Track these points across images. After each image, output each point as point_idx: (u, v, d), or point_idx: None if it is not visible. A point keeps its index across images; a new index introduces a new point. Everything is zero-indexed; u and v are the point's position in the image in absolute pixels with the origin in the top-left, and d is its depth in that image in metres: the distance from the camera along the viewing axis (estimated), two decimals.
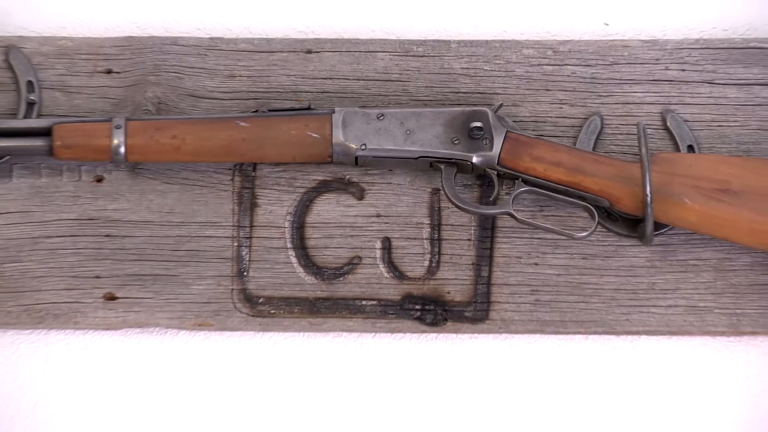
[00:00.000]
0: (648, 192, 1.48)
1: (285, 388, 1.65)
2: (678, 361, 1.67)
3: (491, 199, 1.58)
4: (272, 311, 1.61)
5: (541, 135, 1.62)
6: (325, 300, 1.61)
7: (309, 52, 1.68)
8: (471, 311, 1.60)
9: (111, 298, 1.58)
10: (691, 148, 1.60)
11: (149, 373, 1.63)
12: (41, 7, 1.80)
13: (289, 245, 1.62)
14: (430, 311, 1.59)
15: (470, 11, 1.80)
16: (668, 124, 1.64)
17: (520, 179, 1.54)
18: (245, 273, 1.61)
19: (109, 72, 1.67)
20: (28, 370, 1.63)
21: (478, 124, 1.53)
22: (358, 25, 1.76)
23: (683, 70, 1.68)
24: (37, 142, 1.56)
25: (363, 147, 1.56)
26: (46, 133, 1.56)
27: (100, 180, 1.61)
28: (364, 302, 1.60)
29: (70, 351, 1.62)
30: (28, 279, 1.60)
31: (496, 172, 1.55)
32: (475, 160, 1.54)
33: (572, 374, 1.66)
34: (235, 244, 1.62)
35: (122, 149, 1.54)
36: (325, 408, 1.65)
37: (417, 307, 1.59)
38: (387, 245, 1.62)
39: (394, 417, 1.66)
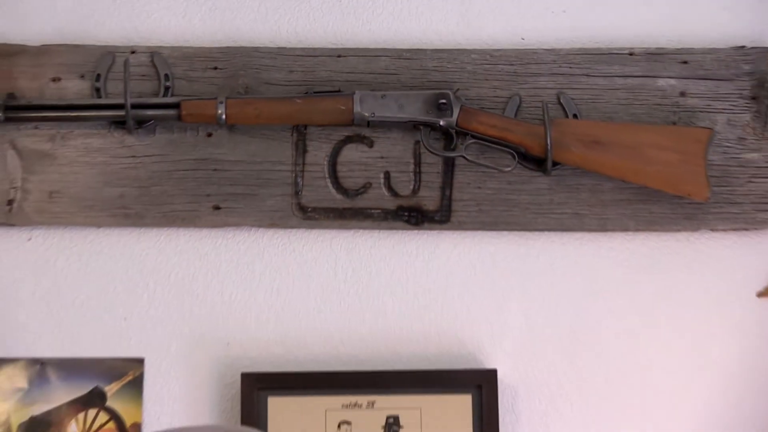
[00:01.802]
0: (548, 143, 2.10)
1: (323, 265, 2.25)
2: (567, 248, 2.27)
3: (452, 147, 2.18)
4: (316, 216, 2.21)
5: (482, 108, 2.19)
6: (349, 209, 2.21)
7: (339, 56, 2.25)
8: (439, 216, 2.19)
9: (216, 207, 2.19)
10: (575, 116, 2.20)
11: (239, 255, 2.23)
12: (172, 26, 2.35)
13: (326, 175, 2.22)
14: (413, 216, 2.19)
15: (437, 31, 2.36)
16: (561, 101, 2.22)
17: (469, 135, 2.15)
18: (300, 193, 2.19)
19: (215, 68, 2.24)
20: (162, 255, 2.25)
21: (444, 100, 2.13)
22: (368, 39, 2.31)
23: (570, 67, 2.25)
24: (171, 112, 2.15)
25: (372, 115, 2.14)
26: (176, 106, 2.15)
27: (210, 135, 2.21)
28: (372, 211, 2.20)
29: (191, 243, 2.24)
30: (166, 196, 2.20)
31: (454, 131, 2.15)
32: (441, 123, 2.13)
33: (500, 255, 2.27)
34: (293, 174, 2.21)
35: (223, 116, 2.12)
36: (348, 277, 2.25)
37: (405, 214, 2.20)
38: (387, 176, 2.21)
39: (390, 283, 2.24)
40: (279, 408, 2.21)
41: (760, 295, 2.27)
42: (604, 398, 2.29)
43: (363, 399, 2.22)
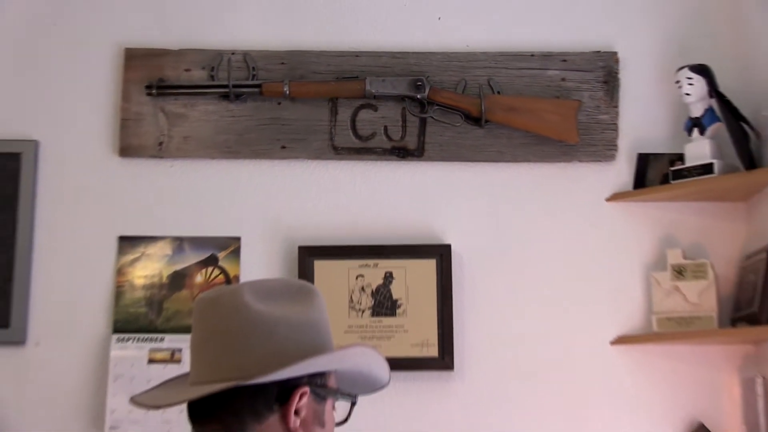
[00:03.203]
0: (482, 109, 2.86)
1: (347, 182, 2.97)
2: (493, 172, 2.97)
3: (424, 111, 2.93)
4: (343, 153, 2.95)
5: (443, 87, 2.94)
6: (362, 148, 2.96)
7: (356, 56, 3.00)
8: (416, 153, 2.95)
9: (283, 147, 2.94)
10: (498, 93, 2.94)
11: (296, 176, 2.94)
12: (256, 37, 3.03)
13: (349, 128, 2.95)
14: (401, 153, 2.95)
15: (416, 41, 3.05)
16: (490, 84, 2.95)
17: (435, 104, 2.92)
18: (333, 138, 2.95)
19: (282, 63, 2.97)
20: (251, 176, 2.96)
21: (420, 83, 2.92)
22: (374, 45, 3.03)
23: (496, 63, 2.99)
24: (256, 90, 2.90)
25: (377, 91, 2.90)
26: (259, 86, 2.91)
27: (279, 103, 2.95)
28: (376, 149, 2.96)
29: (267, 168, 2.95)
30: (252, 140, 2.93)
31: (426, 101, 2.92)
32: (418, 96, 2.91)
33: (454, 176, 2.98)
34: (330, 127, 2.95)
35: (287, 92, 2.89)
36: (361, 188, 2.97)
37: (396, 151, 2.95)
38: (385, 129, 2.96)
39: (387, 193, 2.97)
40: (320, 268, 2.92)
41: (608, 199, 2.95)
42: (519, 263, 2.97)
43: (371, 261, 2.92)
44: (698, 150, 2.83)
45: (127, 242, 2.98)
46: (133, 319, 2.93)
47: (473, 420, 2.89)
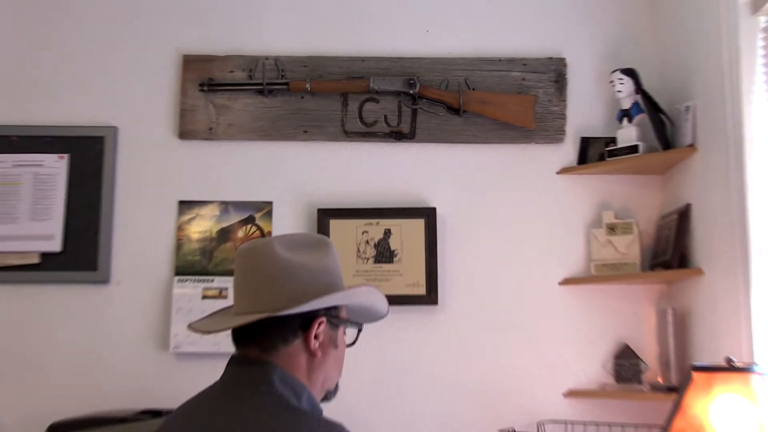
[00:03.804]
0: (461, 102, 2.92)
1: (355, 158, 2.99)
2: (469, 152, 2.99)
3: (416, 103, 2.98)
4: (352, 136, 2.98)
5: (431, 85, 2.98)
6: (367, 132, 2.99)
7: (363, 60, 3.02)
8: (409, 136, 2.99)
9: (305, 131, 2.95)
10: (473, 89, 2.96)
11: (317, 154, 2.97)
12: (284, 44, 3.06)
13: (357, 116, 2.98)
14: (397, 136, 2.98)
15: (409, 49, 3.06)
16: (467, 82, 2.98)
17: (424, 98, 2.97)
18: (344, 125, 2.99)
19: (305, 66, 2.97)
20: (281, 152, 2.98)
21: (412, 81, 2.97)
22: (378, 52, 3.05)
23: (472, 66, 3.01)
24: (284, 87, 2.92)
25: (378, 87, 2.95)
26: (287, 84, 2.93)
27: (302, 97, 2.97)
28: (378, 133, 2.99)
29: (293, 148, 2.98)
30: (282, 126, 2.96)
31: (417, 96, 2.97)
32: (411, 92, 2.96)
33: (440, 154, 3.00)
34: (341, 116, 2.98)
35: (309, 88, 2.94)
36: (366, 163, 2.99)
37: (393, 134, 2.99)
38: (385, 117, 3.00)
39: (386, 167, 3.00)
40: (334, 225, 2.95)
41: (558, 173, 2.99)
42: (489, 222, 2.99)
43: (373, 221, 2.95)
44: (627, 134, 2.86)
45: (185, 205, 3.00)
46: (190, 265, 2.97)
47: (453, 342, 2.93)
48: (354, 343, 1.72)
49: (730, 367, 2.00)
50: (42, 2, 3.16)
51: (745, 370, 2.00)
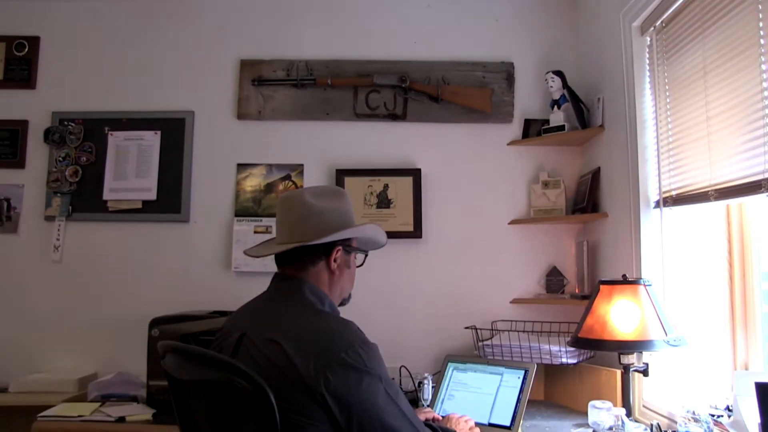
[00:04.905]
0: (438, 93, 2.83)
1: (365, 134, 2.88)
2: (445, 129, 2.90)
3: (406, 94, 2.89)
4: (361, 117, 2.88)
5: (418, 81, 2.89)
6: (372, 114, 2.89)
7: (369, 63, 2.93)
8: (402, 116, 2.88)
9: (326, 113, 2.86)
10: (448, 84, 2.86)
11: (337, 131, 2.88)
12: (312, 50, 2.93)
13: (364, 103, 2.88)
14: (393, 116, 2.89)
15: (402, 54, 2.94)
16: (443, 79, 2.88)
17: (413, 90, 2.88)
18: (355, 109, 2.89)
19: (327, 67, 2.89)
20: (314, 130, 2.87)
21: (404, 78, 2.89)
22: (380, 56, 2.95)
23: (447, 68, 2.91)
24: (312, 82, 2.82)
25: (379, 82, 2.88)
26: (314, 80, 2.84)
27: (325, 89, 2.87)
28: (379, 114, 2.90)
29: (319, 127, 2.87)
30: (312, 109, 2.87)
31: (408, 88, 2.89)
32: (403, 85, 2.88)
33: (423, 132, 2.91)
34: (353, 103, 2.88)
35: (330, 83, 2.87)
36: (369, 138, 2.86)
37: (390, 115, 2.89)
38: (385, 103, 2.90)
39: (383, 142, 2.88)
40: (348, 181, 2.86)
41: (508, 144, 2.91)
42: (458, 180, 2.88)
43: (376, 178, 2.86)
44: (557, 118, 2.82)
45: (242, 167, 2.94)
46: (245, 209, 2.90)
47: (432, 264, 2.89)
48: (362, 264, 1.70)
49: (625, 281, 2.01)
50: (142, 25, 3.08)
51: (635, 282, 2.01)
